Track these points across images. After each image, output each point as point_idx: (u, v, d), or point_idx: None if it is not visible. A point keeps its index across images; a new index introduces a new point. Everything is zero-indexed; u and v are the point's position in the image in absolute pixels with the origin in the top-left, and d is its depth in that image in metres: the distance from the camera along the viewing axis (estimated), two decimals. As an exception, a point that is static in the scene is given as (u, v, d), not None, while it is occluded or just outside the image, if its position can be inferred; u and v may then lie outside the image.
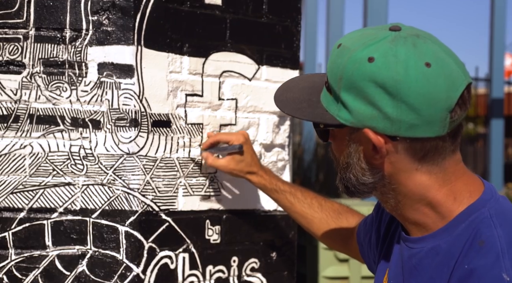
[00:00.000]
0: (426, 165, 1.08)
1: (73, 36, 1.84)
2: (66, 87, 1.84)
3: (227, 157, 1.64)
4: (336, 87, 1.07)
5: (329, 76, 1.09)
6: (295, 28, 2.21)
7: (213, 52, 2.02)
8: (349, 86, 1.05)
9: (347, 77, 1.05)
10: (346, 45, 1.07)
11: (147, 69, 1.87)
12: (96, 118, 1.85)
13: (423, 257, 1.09)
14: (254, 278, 2.12)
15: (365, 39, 1.06)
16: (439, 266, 1.06)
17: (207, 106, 2.01)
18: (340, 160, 1.13)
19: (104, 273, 1.83)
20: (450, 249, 1.05)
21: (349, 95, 1.05)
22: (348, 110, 1.06)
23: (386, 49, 1.03)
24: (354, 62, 1.04)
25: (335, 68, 1.07)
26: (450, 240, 1.06)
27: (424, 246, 1.10)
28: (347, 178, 1.12)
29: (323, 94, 1.12)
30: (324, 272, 3.56)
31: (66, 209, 1.84)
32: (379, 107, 1.03)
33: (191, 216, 1.97)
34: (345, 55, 1.06)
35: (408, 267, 1.12)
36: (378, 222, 1.34)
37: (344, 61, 1.05)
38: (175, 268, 1.94)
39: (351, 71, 1.04)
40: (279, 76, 2.17)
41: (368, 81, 1.03)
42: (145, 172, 1.87)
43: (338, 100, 1.07)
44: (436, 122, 1.03)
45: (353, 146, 1.09)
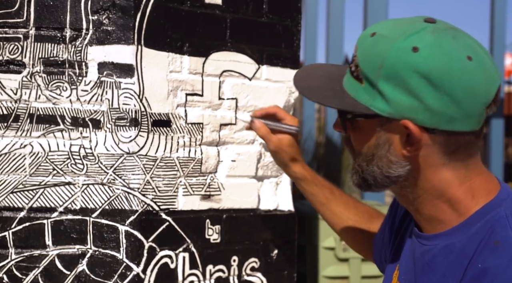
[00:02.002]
0: (454, 161, 1.07)
1: (73, 36, 1.84)
2: (66, 86, 1.84)
3: (279, 135, 1.47)
4: (373, 76, 1.03)
5: (363, 65, 1.05)
6: (295, 28, 2.21)
7: (213, 52, 2.02)
8: (389, 76, 1.02)
9: (388, 66, 1.02)
10: (383, 33, 1.05)
11: (147, 68, 1.87)
12: (96, 118, 1.85)
13: (437, 255, 1.08)
14: (254, 277, 2.12)
15: (404, 29, 1.04)
16: (453, 264, 1.05)
17: (207, 105, 2.01)
18: (363, 151, 1.09)
19: (104, 272, 1.83)
20: (464, 247, 1.04)
21: (388, 84, 1.02)
22: (385, 100, 1.03)
23: (430, 39, 1.02)
24: (397, 51, 1.02)
25: (372, 57, 1.04)
26: (465, 238, 1.05)
27: (438, 244, 1.09)
28: (369, 170, 1.08)
29: (348, 83, 1.09)
30: (324, 271, 3.56)
31: (66, 208, 1.84)
32: (420, 98, 1.01)
33: (191, 215, 1.97)
34: (385, 44, 1.03)
35: (420, 263, 1.12)
36: (391, 221, 1.33)
37: (384, 49, 1.03)
38: (175, 267, 1.94)
39: (393, 60, 1.02)
40: (279, 75, 2.17)
41: (412, 71, 1.01)
42: (145, 172, 1.87)
43: (374, 89, 1.04)
44: (474, 116, 1.03)
45: (384, 137, 1.06)
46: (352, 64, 1.09)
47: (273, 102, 2.16)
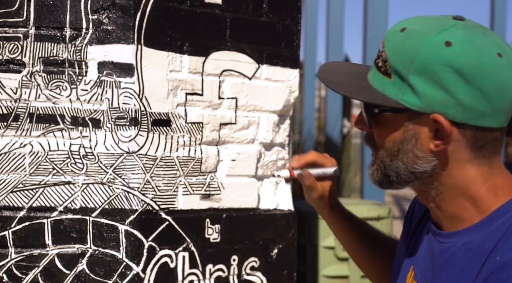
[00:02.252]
0: (479, 157, 1.06)
1: (73, 35, 1.84)
2: (66, 86, 1.84)
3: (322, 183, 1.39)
4: (403, 70, 1.04)
5: (393, 59, 1.05)
6: (295, 27, 2.21)
7: (213, 51, 2.02)
8: (420, 70, 1.02)
9: (420, 60, 1.02)
10: (414, 28, 1.05)
11: (147, 68, 1.87)
12: (96, 117, 1.85)
13: (456, 252, 1.08)
14: (254, 277, 2.12)
15: (435, 24, 1.05)
16: (471, 259, 1.05)
17: (207, 105, 2.01)
18: (388, 147, 1.08)
19: (104, 272, 1.83)
20: (484, 243, 1.04)
21: (419, 78, 1.02)
22: (416, 94, 1.03)
23: (462, 35, 1.03)
24: (429, 45, 1.02)
25: (402, 51, 1.04)
26: (485, 235, 1.05)
27: (458, 241, 1.08)
28: (393, 166, 1.08)
29: (374, 79, 1.09)
30: (324, 271, 3.56)
31: (66, 208, 1.84)
32: (452, 93, 1.01)
33: (191, 215, 1.97)
34: (416, 38, 1.03)
35: (439, 261, 1.11)
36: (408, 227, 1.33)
37: (416, 43, 1.03)
38: (175, 267, 1.94)
39: (426, 54, 1.02)
40: (279, 75, 2.17)
41: (445, 65, 1.01)
42: (145, 171, 1.87)
43: (404, 83, 1.04)
44: (503, 112, 1.03)
45: (411, 131, 1.05)
46: (379, 60, 1.09)
47: (273, 101, 2.16)
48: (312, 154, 1.33)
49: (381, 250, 1.48)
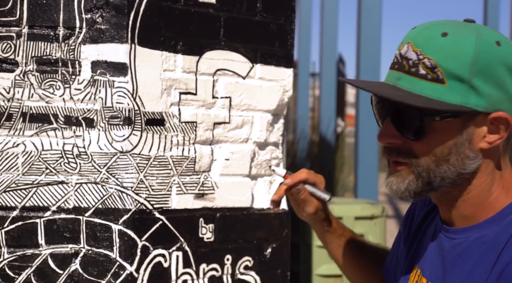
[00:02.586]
0: (503, 154, 1.10)
1: (66, 34, 1.84)
2: (59, 85, 1.83)
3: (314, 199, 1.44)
4: (465, 74, 1.04)
5: (449, 64, 1.04)
6: (289, 27, 2.21)
7: (207, 51, 2.02)
8: (482, 70, 1.03)
9: (481, 61, 1.04)
10: (457, 32, 1.06)
11: (140, 67, 1.86)
12: (89, 117, 1.84)
13: (469, 246, 1.10)
14: (247, 276, 2.12)
15: (470, 26, 1.08)
16: (485, 253, 1.06)
17: (201, 104, 2.01)
18: (437, 153, 1.07)
19: (97, 271, 1.83)
20: (497, 237, 1.06)
21: (481, 79, 1.04)
22: (479, 95, 1.04)
23: (499, 35, 1.07)
24: (486, 45, 1.04)
25: (459, 54, 1.04)
26: (498, 229, 1.07)
27: (470, 236, 1.10)
28: (438, 171, 1.07)
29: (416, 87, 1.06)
30: (318, 270, 3.57)
31: (59, 207, 1.83)
32: (506, 89, 1.04)
33: (184, 214, 1.97)
34: (470, 40, 1.04)
35: (451, 257, 1.13)
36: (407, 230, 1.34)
37: (471, 46, 1.04)
38: (169, 266, 1.94)
39: (485, 54, 1.04)
40: (273, 74, 2.18)
41: (500, 64, 1.04)
42: (139, 171, 1.87)
43: (466, 86, 1.04)
44: None
45: (467, 133, 1.06)
46: (418, 68, 1.06)
47: (267, 100, 2.16)
48: (304, 172, 1.32)
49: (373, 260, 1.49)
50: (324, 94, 8.31)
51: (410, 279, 1.24)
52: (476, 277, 1.05)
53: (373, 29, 5.78)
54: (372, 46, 5.76)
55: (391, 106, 1.08)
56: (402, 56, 1.08)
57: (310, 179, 1.32)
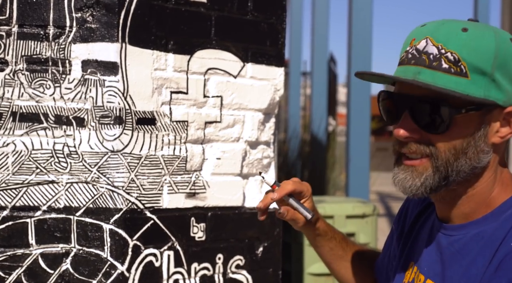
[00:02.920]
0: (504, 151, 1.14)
1: (56, 33, 1.83)
2: (49, 84, 1.83)
3: None
4: (488, 67, 1.06)
5: (472, 58, 1.06)
6: (280, 26, 2.21)
7: (198, 50, 2.02)
8: (501, 65, 1.06)
9: (501, 56, 1.06)
10: (476, 28, 1.09)
11: (131, 66, 1.86)
12: (80, 116, 1.84)
13: (467, 242, 1.11)
14: (239, 275, 2.12)
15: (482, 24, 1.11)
16: (483, 248, 1.08)
17: (192, 103, 2.01)
18: (457, 147, 1.08)
19: (88, 271, 1.83)
20: (495, 233, 1.08)
21: (499, 74, 1.07)
22: (499, 88, 1.07)
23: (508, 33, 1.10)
24: (504, 42, 1.07)
25: (481, 49, 1.06)
26: (496, 225, 1.09)
27: (468, 232, 1.12)
28: (455, 165, 1.08)
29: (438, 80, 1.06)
30: (309, 269, 3.57)
31: (50, 207, 1.83)
32: None
33: (176, 213, 1.97)
34: (489, 36, 1.07)
35: (449, 253, 1.14)
36: (400, 229, 1.35)
37: (492, 41, 1.07)
38: (160, 265, 1.94)
39: (505, 50, 1.07)
40: (264, 73, 2.18)
41: None
42: (130, 170, 1.86)
43: (488, 79, 1.06)
44: None
45: (484, 127, 1.09)
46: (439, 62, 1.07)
47: (258, 99, 2.16)
48: (290, 184, 1.30)
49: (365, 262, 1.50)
50: (316, 93, 8.32)
51: (406, 277, 1.25)
52: (474, 272, 1.06)
53: (364, 28, 5.80)
54: (363, 45, 5.78)
55: (411, 100, 1.08)
56: (421, 51, 1.08)
57: (297, 190, 1.31)
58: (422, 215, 1.29)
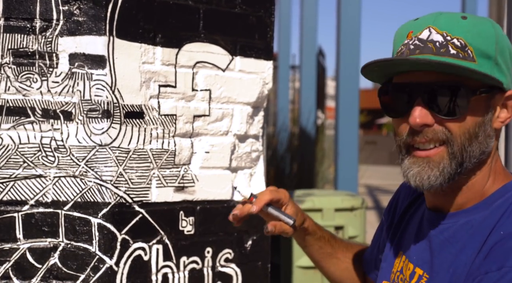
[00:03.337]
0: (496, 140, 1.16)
1: (43, 26, 1.81)
2: (36, 78, 1.81)
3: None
4: (492, 51, 1.08)
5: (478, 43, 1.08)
6: (269, 19, 2.21)
7: (186, 43, 2.01)
8: (501, 50, 1.10)
9: (500, 42, 1.10)
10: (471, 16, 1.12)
11: (119, 59, 1.85)
12: (67, 110, 1.83)
13: (457, 230, 1.12)
14: (228, 268, 2.12)
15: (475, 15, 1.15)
16: (473, 236, 1.09)
17: (180, 97, 2.00)
18: (470, 131, 1.09)
19: (76, 265, 1.82)
20: (485, 221, 1.09)
21: (500, 58, 1.10)
22: (502, 72, 1.10)
23: None
24: (499, 29, 1.12)
25: (484, 34, 1.09)
26: (486, 214, 1.10)
27: (457, 221, 1.13)
28: (469, 150, 1.09)
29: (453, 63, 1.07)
30: (298, 262, 3.59)
31: (38, 201, 1.82)
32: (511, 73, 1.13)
33: (164, 207, 1.97)
34: (487, 24, 1.11)
35: (438, 241, 1.15)
36: (390, 220, 1.35)
37: (491, 28, 1.10)
38: (149, 259, 1.93)
39: (500, 37, 1.11)
40: (253, 66, 2.17)
41: (507, 48, 1.12)
42: (118, 164, 1.85)
43: (492, 63, 1.09)
44: None
45: (491, 111, 1.11)
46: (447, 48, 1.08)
47: (247, 93, 2.16)
48: (267, 194, 1.30)
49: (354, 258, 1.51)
50: (304, 87, 8.32)
51: (395, 266, 1.25)
52: (463, 259, 1.07)
53: (353, 21, 5.80)
54: (352, 38, 5.78)
55: (426, 87, 1.08)
56: (425, 40, 1.09)
57: (274, 199, 1.30)
58: (412, 206, 1.30)
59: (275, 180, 6.51)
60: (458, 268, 1.07)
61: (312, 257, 1.48)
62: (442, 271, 1.10)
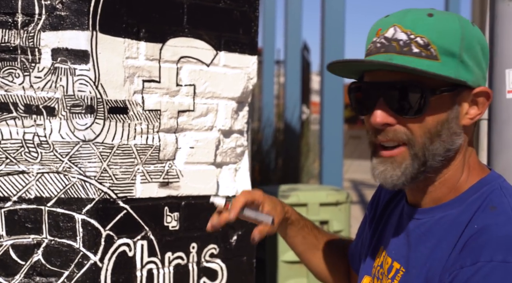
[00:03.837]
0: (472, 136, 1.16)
1: (25, 21, 1.79)
2: (18, 73, 1.79)
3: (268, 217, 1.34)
4: (456, 49, 1.08)
5: (441, 41, 1.08)
6: (253, 14, 2.20)
7: (170, 38, 2.00)
8: (467, 47, 1.09)
9: (466, 38, 1.09)
10: (441, 13, 1.11)
11: (102, 54, 1.83)
12: (50, 105, 1.81)
13: (433, 225, 1.13)
14: (213, 264, 2.12)
15: (443, 10, 1.16)
16: (448, 231, 1.10)
17: (164, 92, 2.00)
18: (432, 130, 1.10)
19: (60, 262, 1.81)
20: (461, 216, 1.10)
21: (467, 55, 1.09)
22: (468, 70, 1.10)
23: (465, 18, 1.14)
24: (467, 25, 1.11)
25: (449, 32, 1.09)
26: (461, 209, 1.11)
27: (434, 216, 1.14)
28: (431, 148, 1.10)
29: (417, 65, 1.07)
30: (283, 256, 3.60)
31: (20, 197, 1.80)
32: (482, 68, 1.12)
33: (149, 203, 1.96)
34: (454, 20, 1.10)
35: (415, 236, 1.16)
36: (372, 214, 1.36)
37: (457, 24, 1.09)
38: (133, 255, 1.93)
39: (469, 32, 1.10)
40: (238, 61, 2.17)
41: (477, 42, 1.11)
42: (102, 159, 1.84)
43: (457, 61, 1.09)
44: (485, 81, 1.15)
45: (455, 109, 1.11)
46: (410, 47, 1.08)
47: (231, 88, 2.15)
48: (241, 198, 1.28)
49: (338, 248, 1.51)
50: (289, 82, 8.33)
51: (376, 260, 1.27)
52: (439, 254, 1.08)
53: (337, 16, 5.81)
54: (336, 33, 5.79)
55: (385, 86, 1.09)
56: (390, 39, 1.10)
57: (249, 201, 1.29)
58: (393, 200, 1.32)
59: (260, 175, 6.52)
60: (434, 262, 1.08)
61: (297, 248, 1.48)
62: (418, 266, 1.12)
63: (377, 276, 1.24)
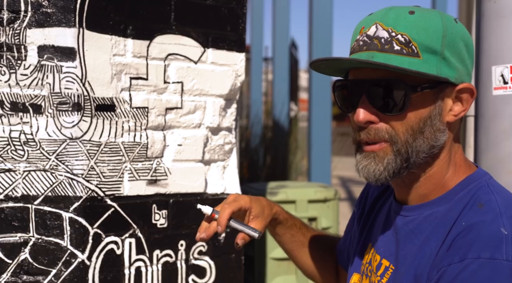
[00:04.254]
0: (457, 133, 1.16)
1: (11, 18, 1.78)
2: (4, 70, 1.78)
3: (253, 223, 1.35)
4: (437, 46, 1.08)
5: (422, 38, 1.08)
6: (241, 11, 2.20)
7: (157, 35, 1.99)
8: (450, 44, 1.09)
9: (449, 35, 1.09)
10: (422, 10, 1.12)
11: (89, 52, 1.82)
12: (37, 103, 1.80)
13: (421, 222, 1.14)
14: (201, 261, 2.12)
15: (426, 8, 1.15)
16: (436, 227, 1.11)
17: (152, 89, 1.99)
18: (414, 127, 1.10)
19: (48, 260, 1.80)
20: (448, 213, 1.11)
21: (449, 52, 1.10)
22: (450, 66, 1.10)
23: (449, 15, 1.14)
24: (449, 21, 1.11)
25: (430, 29, 1.09)
26: (449, 206, 1.12)
27: (422, 213, 1.15)
28: (414, 145, 1.10)
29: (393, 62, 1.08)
30: (272, 253, 3.60)
31: (7, 196, 1.79)
32: (465, 64, 1.12)
33: (137, 200, 1.95)
34: (435, 17, 1.10)
35: (403, 233, 1.17)
36: (360, 212, 1.37)
37: (439, 21, 1.09)
38: (122, 253, 1.92)
39: (451, 29, 1.10)
40: (225, 59, 2.16)
41: (460, 39, 1.11)
42: (89, 157, 1.83)
43: (438, 58, 1.09)
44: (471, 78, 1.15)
45: (438, 106, 1.11)
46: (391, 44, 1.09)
47: (219, 85, 2.15)
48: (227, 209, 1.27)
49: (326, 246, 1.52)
50: (277, 79, 8.33)
51: (364, 257, 1.27)
52: (427, 251, 1.09)
53: (325, 13, 5.81)
54: (324, 30, 5.79)
55: (368, 84, 1.10)
56: (372, 37, 1.10)
57: (235, 210, 1.29)
58: (381, 197, 1.32)
59: (249, 172, 6.52)
60: (423, 259, 1.09)
61: (285, 246, 1.49)
62: (407, 263, 1.12)
63: (365, 273, 1.25)
